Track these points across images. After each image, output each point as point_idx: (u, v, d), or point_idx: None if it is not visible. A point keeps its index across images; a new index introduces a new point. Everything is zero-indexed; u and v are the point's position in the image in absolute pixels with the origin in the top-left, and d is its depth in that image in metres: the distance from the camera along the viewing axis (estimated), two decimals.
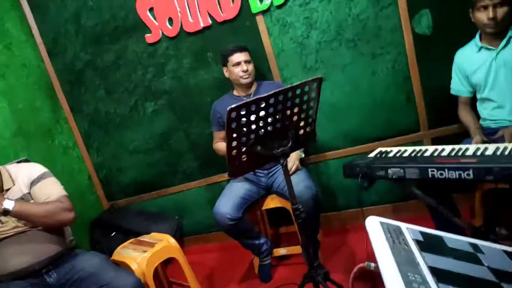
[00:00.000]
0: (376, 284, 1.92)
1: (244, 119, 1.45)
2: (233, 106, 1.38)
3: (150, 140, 2.88)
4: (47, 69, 2.91)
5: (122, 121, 2.89)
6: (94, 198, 3.10)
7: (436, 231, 0.91)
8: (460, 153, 1.49)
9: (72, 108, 2.98)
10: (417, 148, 1.68)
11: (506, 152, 1.35)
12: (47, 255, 1.77)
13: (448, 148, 1.58)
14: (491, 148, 1.43)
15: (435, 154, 1.57)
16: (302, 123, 1.68)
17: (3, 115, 2.51)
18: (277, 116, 1.55)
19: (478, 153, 1.42)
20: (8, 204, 1.65)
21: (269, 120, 1.53)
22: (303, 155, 2.29)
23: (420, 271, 0.62)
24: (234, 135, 1.46)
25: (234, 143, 1.49)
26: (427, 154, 1.59)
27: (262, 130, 1.54)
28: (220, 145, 2.31)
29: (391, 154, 1.77)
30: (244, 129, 1.48)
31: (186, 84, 2.67)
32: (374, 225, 0.77)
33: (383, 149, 1.91)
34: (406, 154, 1.69)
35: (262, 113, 1.49)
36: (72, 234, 1.97)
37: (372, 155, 1.88)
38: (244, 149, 1.53)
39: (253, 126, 1.50)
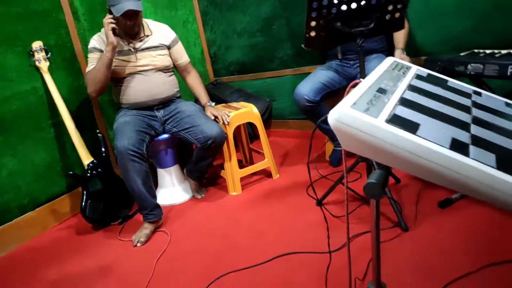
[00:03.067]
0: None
1: None
2: None
3: (255, 23, 3.09)
4: None
5: (234, 1, 3.13)
6: (203, 70, 3.54)
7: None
8: None
9: None
10: None
11: None
12: (160, 96, 2.24)
13: None
14: None
15: None
16: (390, 7, 1.68)
17: None
18: None
19: None
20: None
21: None
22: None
23: (396, 84, 0.72)
24: (315, 5, 1.56)
25: (314, 14, 1.60)
26: None
27: (345, 6, 1.60)
28: None
29: (482, 54, 1.69)
30: (327, 0, 1.57)
31: None
32: (387, 60, 0.87)
33: (478, 50, 1.82)
34: (497, 55, 1.61)
35: None
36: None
37: (463, 53, 1.81)
38: (322, 22, 1.63)
39: (336, 0, 1.57)
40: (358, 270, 1.44)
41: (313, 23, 1.63)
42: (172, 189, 2.42)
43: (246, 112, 2.39)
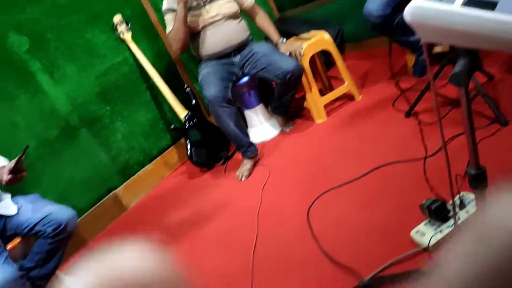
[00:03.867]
0: None
1: None
2: None
3: None
4: None
5: None
6: (267, 9, 3.53)
7: None
8: None
9: None
10: None
11: None
12: (234, 42, 2.36)
13: None
14: None
15: None
16: None
17: None
18: None
19: None
20: None
21: None
22: None
23: None
24: None
25: None
26: None
27: None
28: None
29: None
30: None
31: None
32: None
33: None
34: None
35: None
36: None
37: None
38: None
39: None
40: (458, 169, 1.46)
41: None
42: (261, 127, 2.59)
43: (317, 40, 2.40)
